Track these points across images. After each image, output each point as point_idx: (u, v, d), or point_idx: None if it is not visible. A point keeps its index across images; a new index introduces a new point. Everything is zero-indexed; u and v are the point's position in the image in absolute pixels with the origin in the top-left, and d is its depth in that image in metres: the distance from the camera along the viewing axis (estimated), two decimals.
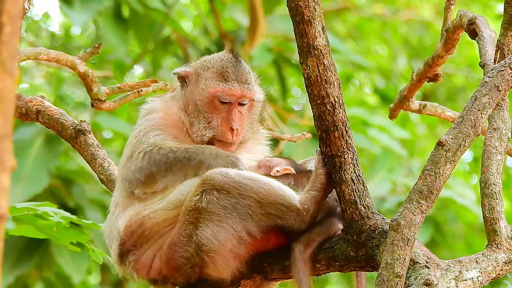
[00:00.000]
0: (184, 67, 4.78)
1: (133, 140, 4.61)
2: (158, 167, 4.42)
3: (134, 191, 4.46)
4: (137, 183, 4.45)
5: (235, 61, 4.68)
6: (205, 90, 4.63)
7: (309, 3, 4.11)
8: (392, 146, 10.99)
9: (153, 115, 4.66)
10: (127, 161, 4.52)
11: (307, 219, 4.27)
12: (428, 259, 4.06)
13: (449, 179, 4.13)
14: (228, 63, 4.68)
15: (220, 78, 4.63)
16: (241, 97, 4.65)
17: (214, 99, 4.63)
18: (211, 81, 4.63)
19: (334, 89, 4.18)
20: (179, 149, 4.46)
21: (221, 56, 4.72)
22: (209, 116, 4.62)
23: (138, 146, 4.53)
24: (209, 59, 4.73)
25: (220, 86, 4.62)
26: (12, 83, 2.39)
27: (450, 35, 5.16)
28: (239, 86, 4.63)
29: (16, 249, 9.03)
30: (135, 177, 4.45)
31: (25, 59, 5.43)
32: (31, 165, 9.20)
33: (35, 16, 14.36)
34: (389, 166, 10.72)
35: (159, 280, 4.47)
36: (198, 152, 4.46)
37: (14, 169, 2.40)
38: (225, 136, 4.61)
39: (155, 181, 4.44)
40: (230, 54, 4.72)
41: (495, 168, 4.21)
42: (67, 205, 9.63)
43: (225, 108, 4.64)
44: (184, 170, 4.43)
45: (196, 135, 4.63)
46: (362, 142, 10.83)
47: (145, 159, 4.45)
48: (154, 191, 4.46)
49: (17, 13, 2.41)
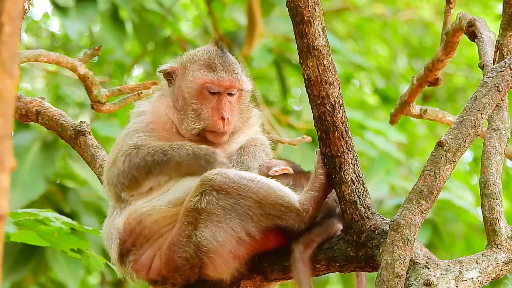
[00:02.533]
0: (169, 63, 4.79)
1: (119, 142, 4.61)
2: (139, 171, 4.44)
3: (121, 194, 4.48)
4: (122, 187, 4.47)
5: (221, 53, 4.69)
6: (193, 81, 4.63)
7: (309, 3, 4.11)
8: (388, 149, 11.00)
9: (141, 118, 4.66)
10: (111, 165, 4.53)
11: (307, 220, 4.27)
12: (428, 259, 4.06)
13: (447, 181, 4.13)
14: (214, 54, 4.68)
15: (208, 69, 4.63)
16: (230, 87, 4.63)
17: (203, 90, 4.62)
18: (199, 73, 4.63)
19: (334, 90, 4.19)
20: (156, 151, 4.46)
21: (207, 49, 4.73)
22: (199, 108, 4.61)
23: (120, 149, 4.54)
24: (194, 53, 4.74)
25: (208, 77, 4.62)
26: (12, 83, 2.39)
27: (450, 38, 5.16)
28: (227, 76, 4.63)
29: (12, 255, 9.01)
30: (119, 181, 4.47)
31: (25, 61, 5.43)
32: (28, 171, 9.18)
33: (35, 16, 14.37)
34: (386, 168, 10.72)
35: (159, 280, 4.47)
36: (174, 154, 4.46)
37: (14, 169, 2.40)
38: (216, 126, 4.60)
39: (138, 184, 4.46)
40: (215, 46, 4.72)
41: (495, 169, 4.21)
42: (63, 211, 9.60)
43: (214, 98, 4.62)
44: (164, 172, 4.44)
45: (186, 130, 4.62)
46: (359, 145, 10.83)
47: (125, 162, 4.46)
48: (141, 193, 4.47)
49: (17, 13, 2.41)
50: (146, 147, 4.49)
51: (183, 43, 11.75)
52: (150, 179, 4.45)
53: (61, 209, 9.62)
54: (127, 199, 4.48)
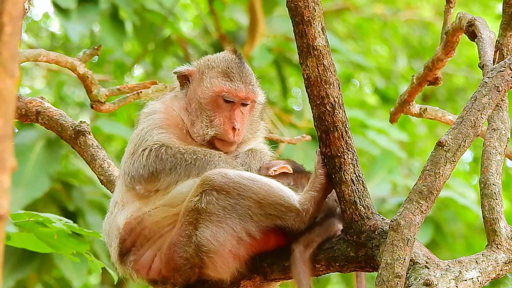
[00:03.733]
0: (186, 66, 4.81)
1: (135, 137, 4.62)
2: (163, 166, 4.44)
3: (136, 187, 4.47)
4: (140, 179, 4.47)
5: (239, 62, 4.73)
6: (210, 88, 4.66)
7: (309, 3, 4.11)
8: (390, 148, 11.01)
9: (156, 115, 4.68)
10: (129, 157, 4.54)
11: (307, 220, 4.27)
12: (428, 259, 4.06)
13: (449, 179, 4.12)
14: (232, 63, 4.72)
15: (225, 78, 4.67)
16: (245, 98, 4.68)
17: (218, 98, 4.66)
18: (217, 80, 4.67)
19: (334, 90, 4.19)
20: (187, 150, 4.49)
21: (225, 56, 4.76)
22: (212, 115, 4.65)
23: (141, 143, 4.55)
24: (213, 59, 4.77)
25: (226, 86, 4.65)
26: (12, 83, 2.39)
27: (449, 37, 5.16)
28: (244, 87, 4.67)
29: (16, 253, 9.01)
30: (138, 173, 4.46)
31: (24, 61, 5.43)
32: (32, 169, 9.18)
33: (35, 16, 14.37)
34: (389, 167, 10.73)
35: (159, 280, 4.47)
36: (206, 155, 4.48)
37: (14, 169, 2.40)
38: (226, 135, 4.63)
39: (158, 179, 4.46)
40: (233, 54, 4.75)
41: (495, 169, 4.21)
42: (67, 209, 9.61)
43: (228, 107, 4.66)
44: (188, 171, 4.44)
45: (197, 134, 4.65)
46: (361, 144, 10.84)
47: (150, 156, 4.47)
48: (156, 189, 4.47)
49: (17, 14, 2.42)
50: (176, 145, 4.50)
51: (183, 43, 11.75)
52: (171, 175, 4.44)
53: (65, 207, 9.63)
54: (140, 193, 4.47)
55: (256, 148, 4.74)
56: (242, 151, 4.72)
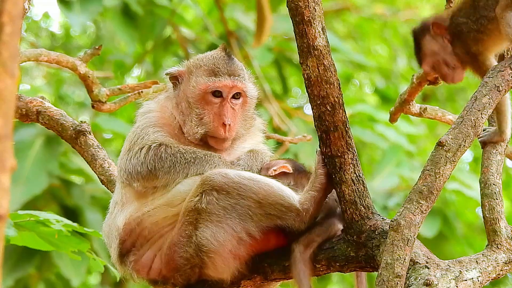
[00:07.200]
0: (176, 67, 4.81)
1: (131, 135, 4.63)
2: (162, 164, 4.44)
3: (133, 183, 4.47)
4: (137, 176, 4.47)
5: (227, 58, 4.70)
6: (196, 87, 4.65)
7: (309, 3, 4.11)
8: (399, 141, 10.98)
9: (151, 114, 4.69)
10: (125, 154, 4.54)
11: (307, 220, 4.27)
12: (428, 259, 4.06)
13: (456, 171, 4.12)
14: (220, 60, 4.70)
15: (210, 74, 4.65)
16: (232, 87, 4.65)
17: (206, 95, 4.64)
18: (201, 78, 4.65)
19: (334, 90, 4.19)
20: (187, 150, 4.49)
21: (214, 54, 4.75)
22: (201, 113, 4.64)
23: (137, 141, 4.55)
24: (201, 58, 4.76)
25: (211, 81, 4.64)
26: (12, 83, 2.39)
27: None
28: (229, 78, 4.64)
29: (16, 252, 9.01)
30: (136, 170, 4.46)
31: (25, 61, 5.43)
32: (31, 166, 9.18)
33: (35, 16, 14.36)
34: (397, 160, 10.70)
35: (159, 280, 4.47)
36: (206, 155, 4.48)
37: (14, 169, 2.40)
38: (217, 132, 4.62)
39: (156, 177, 4.46)
40: (223, 52, 4.73)
41: (495, 168, 4.22)
42: (67, 206, 9.61)
43: (217, 103, 4.64)
44: (187, 170, 4.44)
45: (188, 133, 4.64)
46: (369, 138, 10.83)
47: (149, 154, 4.47)
48: (154, 187, 4.47)
49: (17, 13, 2.41)
50: (175, 145, 4.50)
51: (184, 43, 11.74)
52: (169, 173, 4.44)
53: (65, 204, 9.62)
54: (138, 190, 4.47)
55: (257, 150, 4.73)
56: (240, 150, 4.70)
